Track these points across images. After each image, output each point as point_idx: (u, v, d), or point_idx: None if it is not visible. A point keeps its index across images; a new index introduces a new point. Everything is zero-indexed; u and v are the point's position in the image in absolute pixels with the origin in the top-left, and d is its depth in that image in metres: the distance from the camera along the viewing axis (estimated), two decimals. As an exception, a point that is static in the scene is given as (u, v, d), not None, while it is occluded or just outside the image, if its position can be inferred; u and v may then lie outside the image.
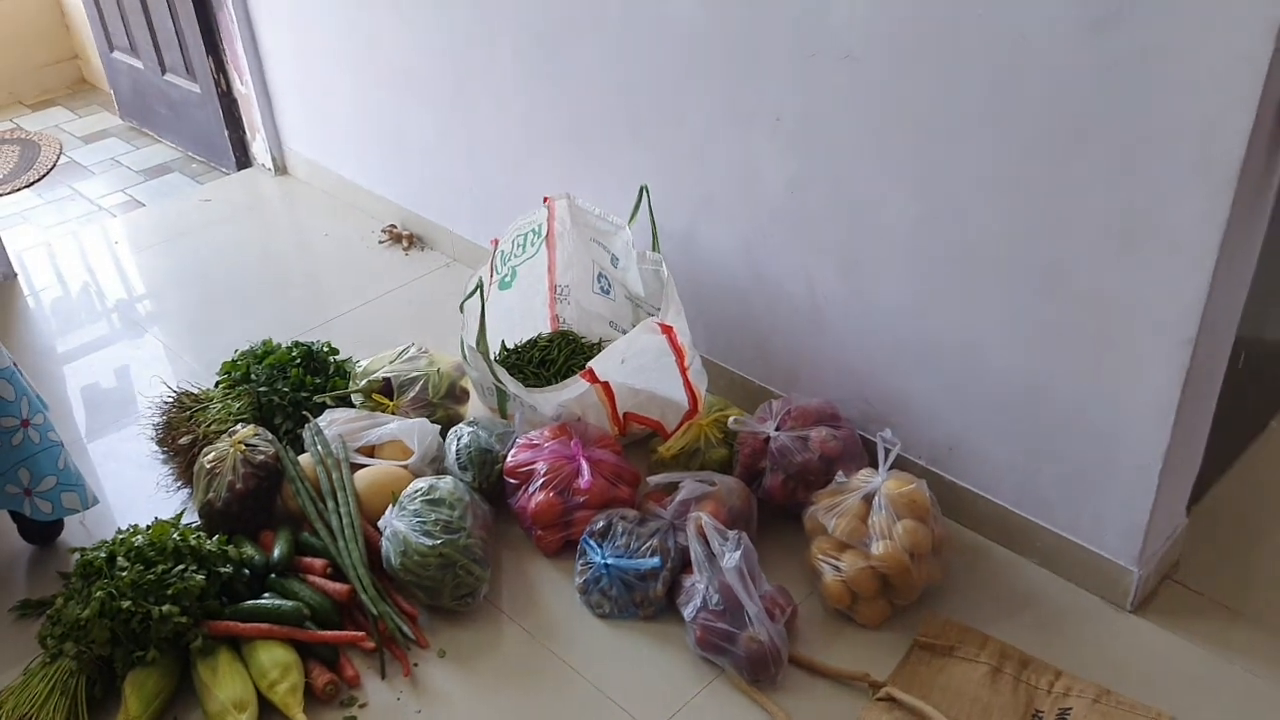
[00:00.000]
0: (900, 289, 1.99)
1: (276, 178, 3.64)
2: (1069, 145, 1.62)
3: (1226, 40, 1.40)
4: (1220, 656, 1.83)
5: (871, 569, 1.88)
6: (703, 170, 2.23)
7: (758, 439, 2.13)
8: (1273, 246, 1.76)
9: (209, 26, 3.44)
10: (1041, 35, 1.58)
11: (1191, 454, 1.85)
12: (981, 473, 2.03)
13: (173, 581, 1.86)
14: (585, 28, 2.30)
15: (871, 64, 1.82)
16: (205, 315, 2.96)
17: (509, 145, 2.69)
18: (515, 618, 2.00)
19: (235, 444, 2.14)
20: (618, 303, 2.51)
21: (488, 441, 2.20)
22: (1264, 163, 1.50)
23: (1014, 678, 1.78)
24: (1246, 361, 1.96)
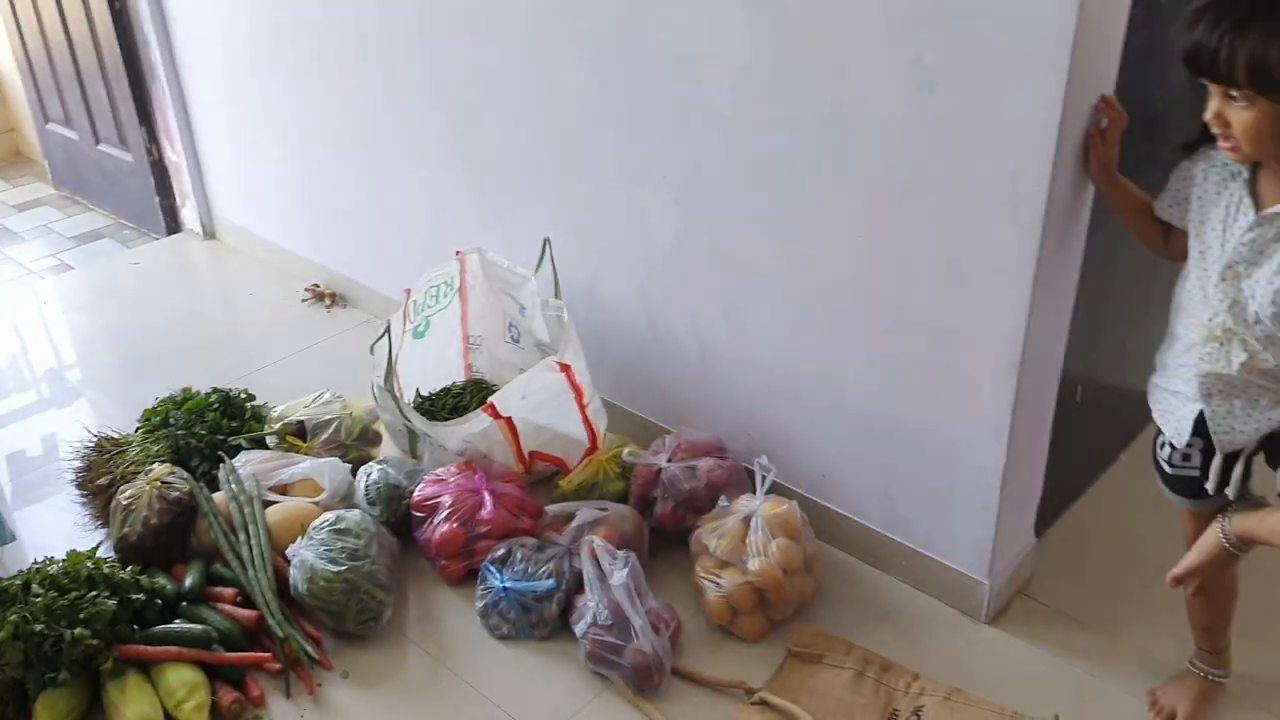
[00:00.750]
0: (773, 330, 2.18)
1: (205, 242, 3.77)
2: (904, 194, 1.84)
3: (1025, 97, 1.63)
4: (1064, 660, 2.00)
5: (749, 584, 2.03)
6: (600, 224, 2.42)
7: (650, 470, 2.28)
8: (1096, 290, 1.99)
9: (142, 98, 3.60)
10: (876, 99, 1.81)
11: (1031, 474, 2.04)
12: (851, 497, 2.20)
13: (85, 606, 1.95)
14: (492, 95, 2.50)
15: (739, 126, 2.04)
16: (130, 370, 3.06)
17: (424, 205, 2.87)
18: (417, 641, 2.11)
19: (151, 481, 2.25)
20: (527, 351, 2.67)
21: (396, 478, 2.33)
22: (1068, 203, 1.73)
23: (875, 680, 1.93)
24: (1085, 396, 2.18)
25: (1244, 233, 1.45)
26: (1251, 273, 1.45)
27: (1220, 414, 1.56)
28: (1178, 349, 1.61)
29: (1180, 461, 1.67)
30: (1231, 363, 1.51)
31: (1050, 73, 1.58)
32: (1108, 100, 1.67)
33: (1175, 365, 1.62)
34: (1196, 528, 1.71)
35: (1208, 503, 1.67)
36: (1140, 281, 2.24)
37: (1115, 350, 2.28)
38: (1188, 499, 1.71)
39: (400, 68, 2.70)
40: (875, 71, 1.79)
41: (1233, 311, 1.48)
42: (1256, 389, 1.52)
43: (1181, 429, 1.62)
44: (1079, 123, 1.66)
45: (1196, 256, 1.54)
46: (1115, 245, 2.05)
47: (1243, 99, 1.35)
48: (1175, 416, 1.63)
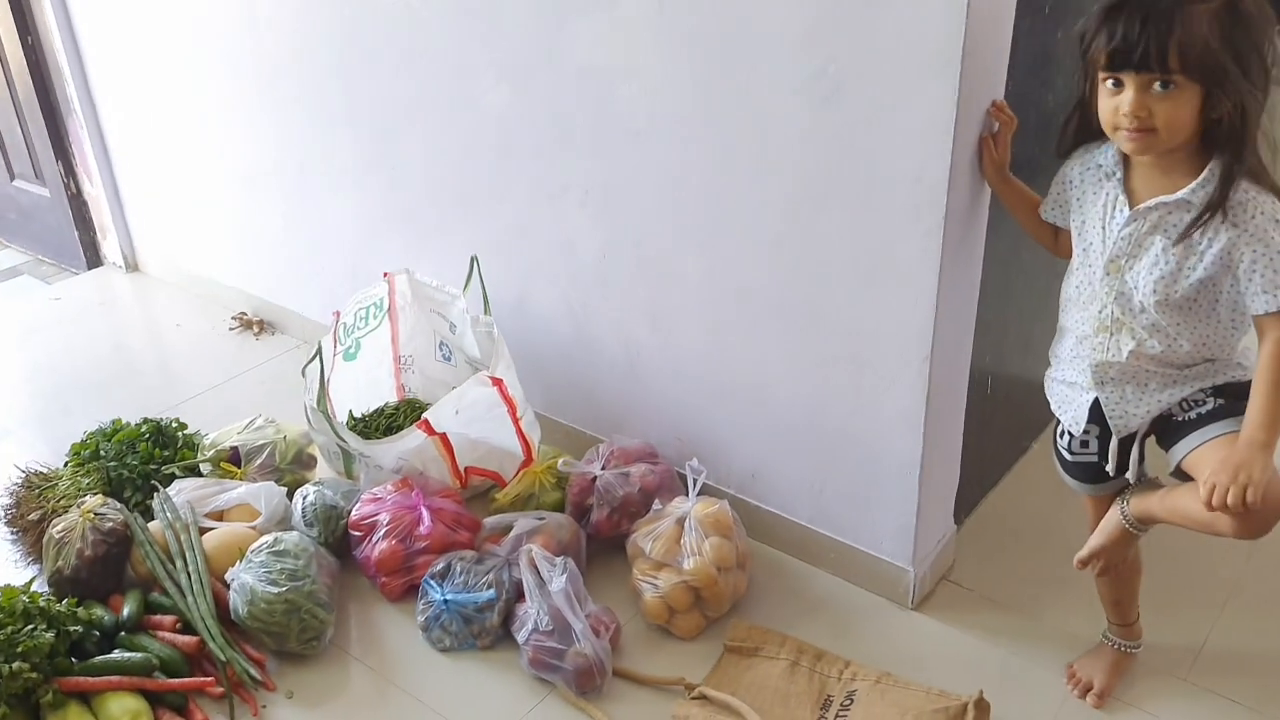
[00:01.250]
0: (697, 336, 2.25)
1: (128, 274, 3.74)
2: (816, 200, 1.93)
3: (922, 105, 1.72)
4: (988, 642, 2.09)
5: (685, 584, 2.09)
6: (527, 241, 2.47)
7: (585, 479, 2.34)
8: (999, 289, 2.10)
9: (58, 131, 3.56)
10: (783, 111, 1.89)
11: (947, 464, 2.14)
12: (779, 495, 2.28)
13: (22, 640, 1.93)
14: (413, 117, 2.54)
15: (656, 141, 2.11)
16: (57, 406, 3.03)
17: (350, 229, 2.89)
18: (361, 658, 2.13)
19: (84, 513, 2.24)
20: (459, 369, 2.70)
21: (333, 499, 2.34)
22: (967, 204, 1.83)
23: (809, 669, 2.00)
24: (995, 389, 2.29)
25: (1121, 228, 1.56)
26: (1133, 265, 1.56)
27: (1114, 400, 1.66)
28: (1069, 342, 1.71)
29: (1079, 449, 1.77)
30: (1121, 351, 1.61)
31: (944, 80, 1.68)
32: (998, 105, 1.78)
33: (1069, 358, 1.72)
34: (1098, 511, 1.81)
35: (1106, 486, 1.78)
36: (1041, 279, 2.35)
37: (1021, 345, 2.40)
38: (1087, 484, 1.81)
39: (320, 92, 2.73)
40: (782, 83, 1.87)
41: (1119, 303, 1.59)
42: (1145, 374, 1.63)
43: (1079, 417, 1.72)
44: (973, 127, 1.76)
45: (1081, 254, 1.65)
46: (1016, 245, 2.16)
47: (1168, 87, 1.41)
48: (1072, 406, 1.73)
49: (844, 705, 1.90)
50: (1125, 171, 1.57)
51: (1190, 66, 1.40)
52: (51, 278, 3.81)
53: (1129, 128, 1.47)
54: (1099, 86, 1.50)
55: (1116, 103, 1.47)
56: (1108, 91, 1.49)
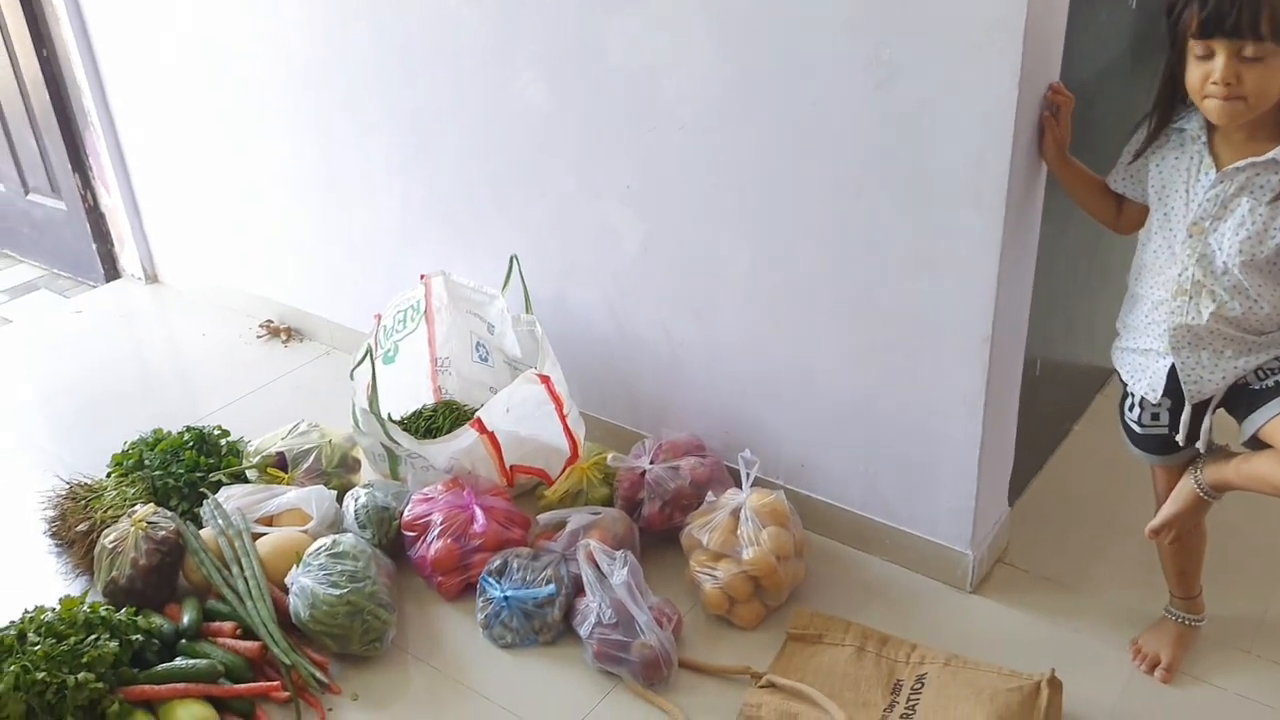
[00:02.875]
0: (743, 327, 2.26)
1: (147, 286, 3.72)
2: (869, 188, 1.93)
3: (982, 87, 1.73)
4: (1048, 621, 2.10)
5: (744, 574, 2.09)
6: (566, 238, 2.48)
7: (635, 473, 2.34)
8: (1045, 271, 2.11)
9: (74, 144, 3.55)
10: (836, 98, 1.90)
11: (1003, 446, 2.15)
12: (830, 483, 2.29)
13: (86, 650, 1.92)
14: (448, 118, 2.54)
15: (701, 132, 2.12)
16: (87, 419, 3.01)
17: (384, 232, 2.89)
18: (423, 658, 2.12)
19: (136, 523, 2.23)
20: (496, 369, 2.70)
21: (384, 500, 2.34)
22: (1025, 185, 1.84)
23: (876, 654, 2.00)
24: (1043, 370, 2.30)
25: (1207, 190, 1.58)
26: (1217, 226, 1.58)
27: (1190, 365, 1.68)
28: (1143, 309, 1.72)
29: (1150, 422, 1.78)
30: (1201, 314, 1.63)
31: (1004, 61, 1.69)
32: (1055, 86, 1.79)
33: (1143, 324, 1.73)
34: (1167, 482, 1.83)
35: (1177, 457, 1.80)
36: (1083, 261, 2.38)
37: (1065, 326, 2.42)
38: (1157, 455, 1.83)
39: (353, 94, 2.72)
40: (834, 70, 1.88)
41: (1201, 265, 1.61)
42: (1222, 339, 1.64)
43: (1155, 384, 1.73)
44: (1032, 108, 1.77)
45: (1160, 219, 1.66)
46: (1062, 226, 2.18)
47: (1257, 54, 1.45)
48: (1147, 374, 1.75)
49: (915, 688, 1.91)
50: (1209, 136, 1.59)
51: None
52: (69, 291, 3.79)
53: (1219, 95, 1.49)
54: (1188, 55, 1.52)
55: (1206, 70, 1.50)
56: (1197, 59, 1.51)
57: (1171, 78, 1.60)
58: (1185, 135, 1.62)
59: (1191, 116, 1.62)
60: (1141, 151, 1.69)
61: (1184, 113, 1.63)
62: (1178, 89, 1.59)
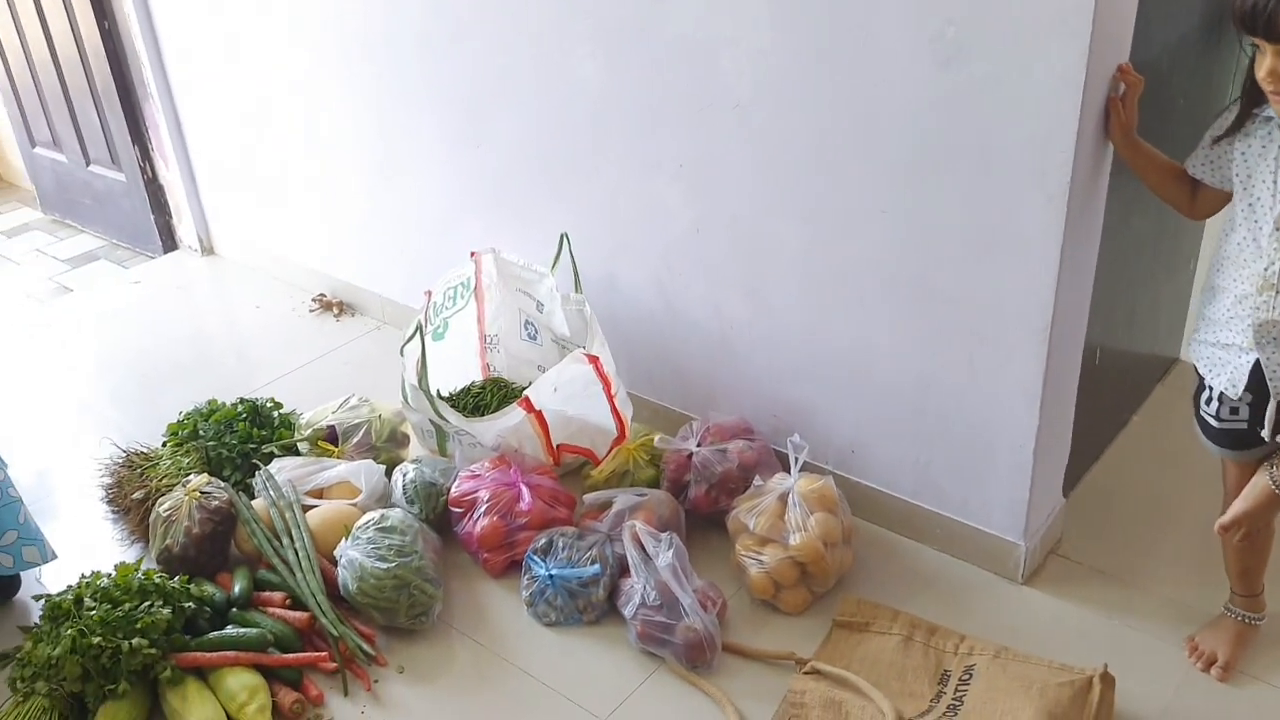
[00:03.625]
0: (796, 311, 2.23)
1: (204, 258, 3.77)
2: (930, 169, 1.89)
3: (1049, 67, 1.69)
4: (1101, 615, 2.06)
5: (791, 559, 2.07)
6: (617, 217, 2.46)
7: (681, 455, 2.33)
8: (1107, 258, 2.05)
9: (134, 116, 3.59)
10: (899, 77, 1.86)
11: (1060, 435, 2.10)
12: (881, 470, 2.26)
13: (140, 616, 1.96)
14: (501, 94, 2.53)
15: (758, 110, 2.09)
16: (143, 388, 3.06)
17: (435, 208, 2.89)
18: (468, 633, 2.13)
19: (190, 492, 2.26)
20: (544, 347, 2.70)
21: (432, 476, 2.35)
22: (1091, 169, 1.79)
23: (923, 644, 1.98)
24: (1102, 359, 2.25)
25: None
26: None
27: (1275, 362, 1.62)
28: (1225, 302, 1.66)
29: (1229, 416, 1.73)
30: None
31: (1072, 40, 1.64)
32: (1124, 67, 1.74)
33: (1224, 318, 1.67)
34: (1240, 478, 1.78)
35: (1254, 452, 1.75)
36: (1148, 249, 2.32)
37: (1127, 315, 2.36)
38: (1232, 450, 1.78)
39: (407, 69, 2.72)
40: (897, 48, 1.84)
41: None
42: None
43: (1237, 380, 1.67)
44: (1100, 89, 1.72)
45: (1245, 210, 1.60)
46: (1126, 213, 2.12)
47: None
48: (1229, 369, 1.69)
49: (963, 679, 1.88)
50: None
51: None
52: (128, 262, 3.85)
53: (1271, 90, 1.47)
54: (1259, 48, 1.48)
55: (1268, 66, 1.46)
56: (1257, 56, 1.48)
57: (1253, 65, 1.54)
58: (1271, 124, 1.56)
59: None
60: (1223, 137, 1.63)
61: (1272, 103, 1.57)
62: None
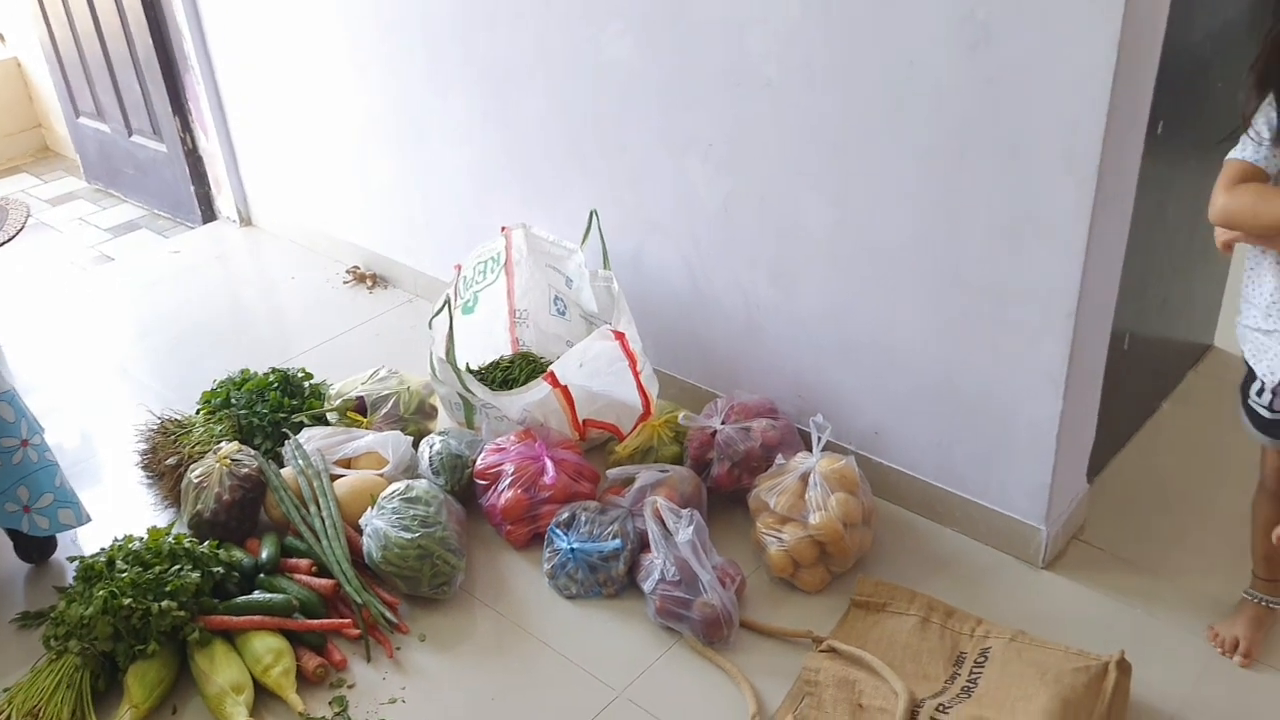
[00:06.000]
0: (823, 293, 2.23)
1: (242, 229, 3.82)
2: (958, 153, 1.88)
3: (1079, 51, 1.66)
4: (1122, 602, 2.05)
5: (810, 538, 2.08)
6: (645, 195, 2.46)
7: (705, 433, 2.34)
8: (1140, 245, 2.03)
9: (175, 87, 3.65)
10: (927, 58, 1.84)
11: (1084, 421, 2.09)
12: (904, 452, 2.25)
13: (170, 579, 2.01)
14: (532, 70, 2.54)
15: (788, 91, 2.08)
16: (180, 356, 3.12)
17: (466, 183, 2.91)
18: (489, 603, 2.17)
19: (221, 459, 2.31)
20: (573, 323, 2.72)
21: (458, 448, 2.38)
22: (1120, 155, 1.77)
23: (940, 626, 1.98)
24: (1131, 345, 2.22)
25: None
26: None
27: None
28: (1268, 287, 1.62)
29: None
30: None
31: (1104, 23, 1.62)
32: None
33: (1267, 303, 1.63)
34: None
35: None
36: (1182, 235, 2.29)
37: (1159, 302, 2.33)
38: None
39: (439, 45, 2.74)
40: (927, 30, 1.82)
41: None
42: None
43: (1275, 366, 1.64)
44: (1132, 74, 1.70)
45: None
46: (1162, 200, 2.09)
47: None
48: (1268, 355, 1.65)
49: (978, 662, 1.88)
50: None
51: None
52: (168, 231, 3.91)
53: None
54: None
55: None
56: None
57: None
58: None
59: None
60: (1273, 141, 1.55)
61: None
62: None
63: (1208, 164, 2.22)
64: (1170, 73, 1.86)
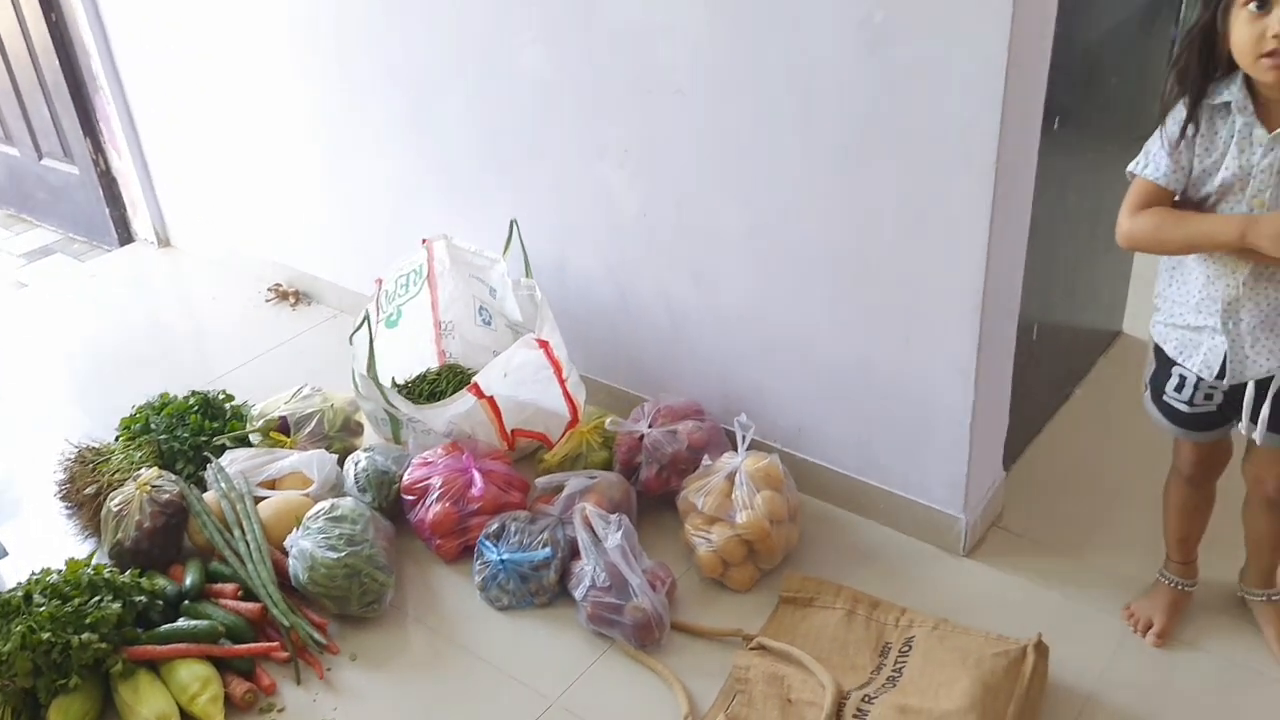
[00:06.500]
0: (743, 293, 2.26)
1: (160, 250, 3.76)
2: (864, 151, 1.92)
3: (972, 51, 1.71)
4: (1040, 585, 2.11)
5: (738, 537, 2.11)
6: (566, 202, 2.47)
7: (633, 437, 2.35)
8: (1043, 237, 2.09)
9: (85, 109, 3.57)
10: (830, 61, 1.88)
11: (997, 410, 2.14)
12: (827, 448, 2.29)
13: (90, 611, 1.97)
14: (448, 81, 2.53)
15: (698, 97, 2.10)
16: (101, 382, 3.06)
17: (387, 196, 2.90)
18: (421, 619, 2.16)
19: (141, 486, 2.27)
20: (499, 332, 2.72)
21: (384, 464, 2.37)
22: (1017, 150, 1.82)
23: (866, 617, 2.02)
24: (1040, 335, 2.29)
25: (1261, 158, 1.51)
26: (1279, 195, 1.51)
27: (1244, 343, 1.63)
28: (1197, 283, 1.64)
29: (1202, 401, 1.74)
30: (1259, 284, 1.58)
31: (993, 27, 1.66)
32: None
33: (1195, 300, 1.65)
34: (1199, 458, 1.83)
35: (1217, 432, 1.78)
36: (1085, 225, 2.36)
37: (1065, 292, 2.40)
38: (1198, 431, 1.79)
39: (355, 57, 2.72)
40: (827, 33, 1.86)
41: None
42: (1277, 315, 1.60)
43: (1211, 361, 1.67)
44: (1024, 74, 1.75)
45: (1217, 191, 1.57)
46: (1062, 191, 2.16)
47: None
48: (1200, 350, 1.68)
49: (903, 651, 1.92)
50: (1255, 105, 1.51)
51: None
52: (84, 255, 3.83)
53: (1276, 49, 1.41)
54: (1236, 15, 1.45)
55: (1262, 27, 1.42)
56: (1249, 17, 1.43)
57: (1204, 50, 1.51)
58: (1230, 109, 1.53)
59: (1229, 89, 1.53)
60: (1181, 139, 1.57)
61: (1217, 88, 1.54)
62: (1210, 64, 1.51)
63: (1105, 157, 2.30)
64: (1065, 71, 1.92)
